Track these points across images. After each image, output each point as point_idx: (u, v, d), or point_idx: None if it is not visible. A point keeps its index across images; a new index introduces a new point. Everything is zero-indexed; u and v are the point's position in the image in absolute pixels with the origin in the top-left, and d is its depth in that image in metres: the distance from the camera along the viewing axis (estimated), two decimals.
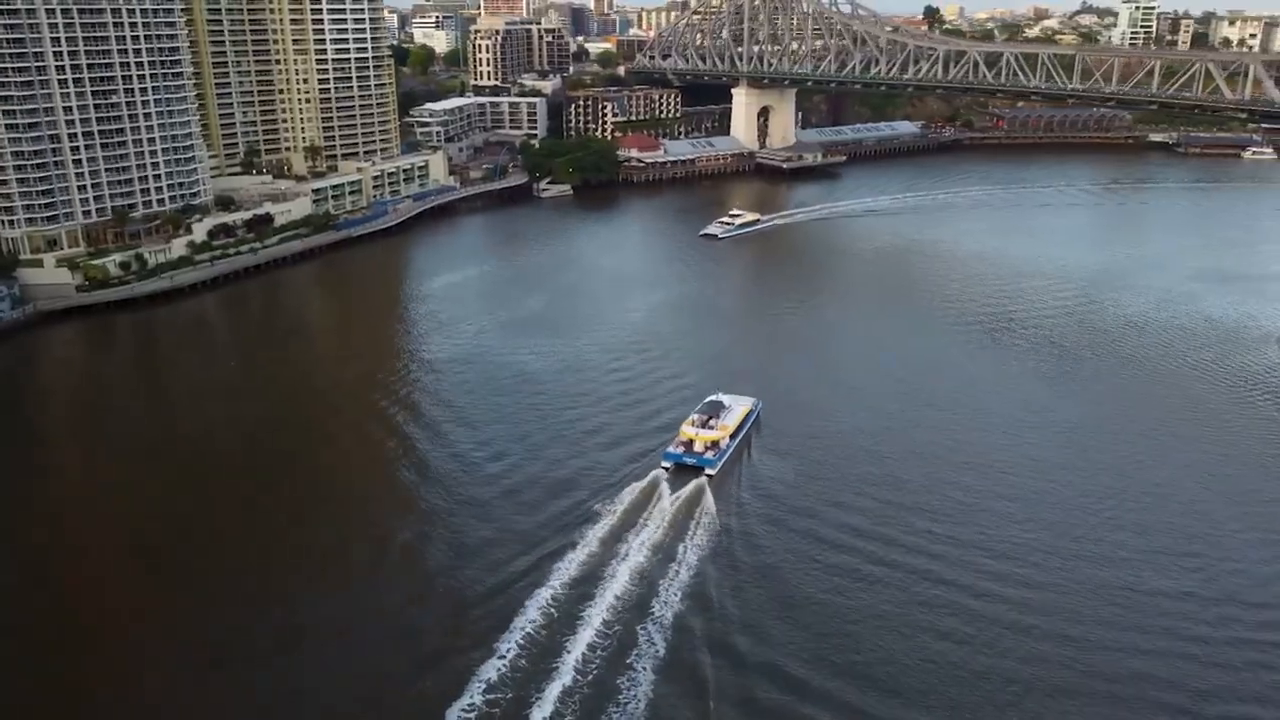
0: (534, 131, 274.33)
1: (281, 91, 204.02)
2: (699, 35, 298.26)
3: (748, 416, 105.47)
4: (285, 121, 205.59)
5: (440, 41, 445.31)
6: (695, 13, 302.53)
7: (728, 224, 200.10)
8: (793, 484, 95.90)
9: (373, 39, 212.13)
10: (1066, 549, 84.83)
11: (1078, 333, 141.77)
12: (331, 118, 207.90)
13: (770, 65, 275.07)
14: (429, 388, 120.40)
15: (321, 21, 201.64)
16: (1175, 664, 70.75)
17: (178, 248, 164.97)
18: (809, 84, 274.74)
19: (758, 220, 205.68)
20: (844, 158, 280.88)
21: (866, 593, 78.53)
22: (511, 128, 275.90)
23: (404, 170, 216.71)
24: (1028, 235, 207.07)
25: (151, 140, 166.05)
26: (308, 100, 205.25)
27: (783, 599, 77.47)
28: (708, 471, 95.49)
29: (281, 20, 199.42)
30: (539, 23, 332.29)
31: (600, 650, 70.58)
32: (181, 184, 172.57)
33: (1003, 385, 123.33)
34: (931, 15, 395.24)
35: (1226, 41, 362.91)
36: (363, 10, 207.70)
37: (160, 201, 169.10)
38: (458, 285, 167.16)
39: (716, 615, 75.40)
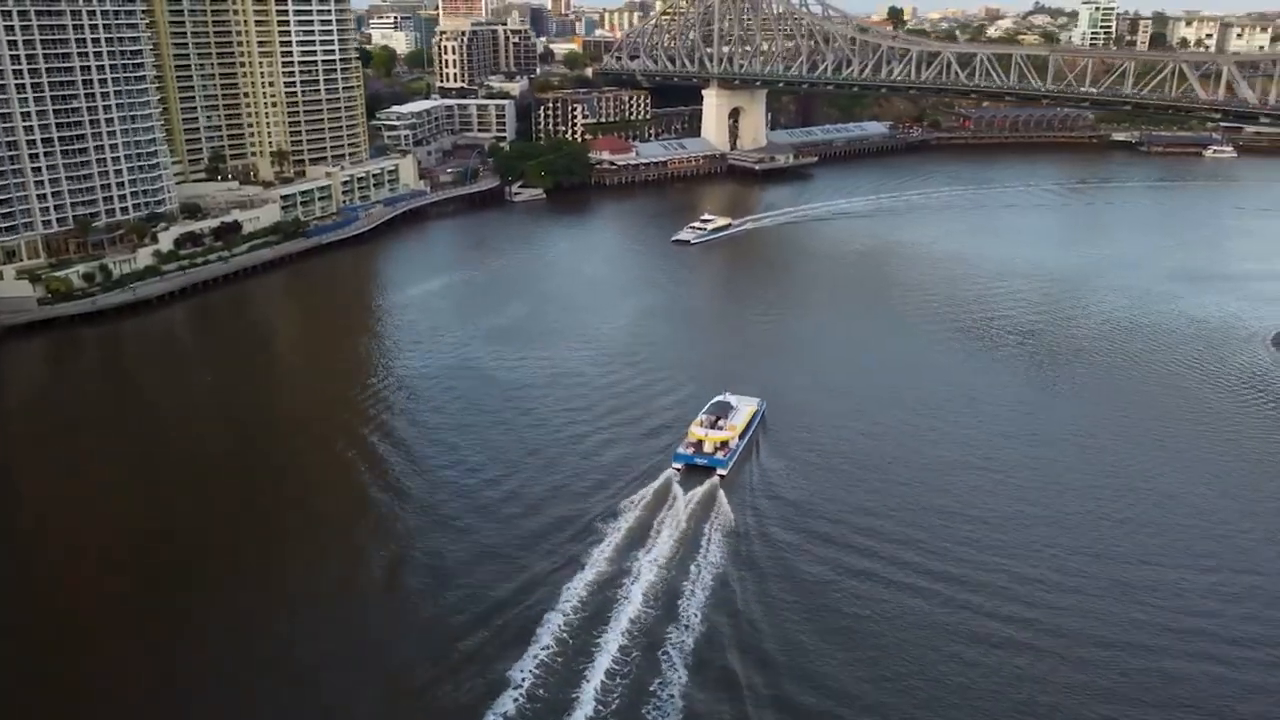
0: (503, 134, 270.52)
1: (247, 95, 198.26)
2: (667, 36, 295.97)
3: (754, 417, 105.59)
4: (251, 126, 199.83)
5: (400, 42, 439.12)
6: (664, 14, 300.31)
7: (700, 229, 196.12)
8: (804, 484, 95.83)
9: (340, 40, 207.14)
10: (1085, 549, 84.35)
11: (1065, 334, 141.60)
12: (299, 121, 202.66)
13: (741, 66, 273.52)
14: (420, 401, 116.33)
15: (287, 22, 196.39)
16: (1210, 666, 70.04)
17: (143, 258, 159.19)
18: (781, 85, 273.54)
19: (729, 225, 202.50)
20: (815, 158, 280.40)
21: (892, 595, 77.80)
22: (480, 130, 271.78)
23: (374, 175, 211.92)
24: (1001, 236, 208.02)
25: (114, 146, 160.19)
26: (274, 104, 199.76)
27: (808, 600, 77.24)
28: (719, 472, 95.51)
29: (246, 21, 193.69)
30: (505, 24, 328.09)
31: (632, 651, 70.34)
32: (145, 191, 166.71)
33: (996, 387, 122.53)
34: (895, 16, 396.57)
35: (1184, 42, 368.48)
36: (329, 11, 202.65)
37: (124, 210, 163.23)
38: (436, 294, 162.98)
39: (744, 619, 74.73)
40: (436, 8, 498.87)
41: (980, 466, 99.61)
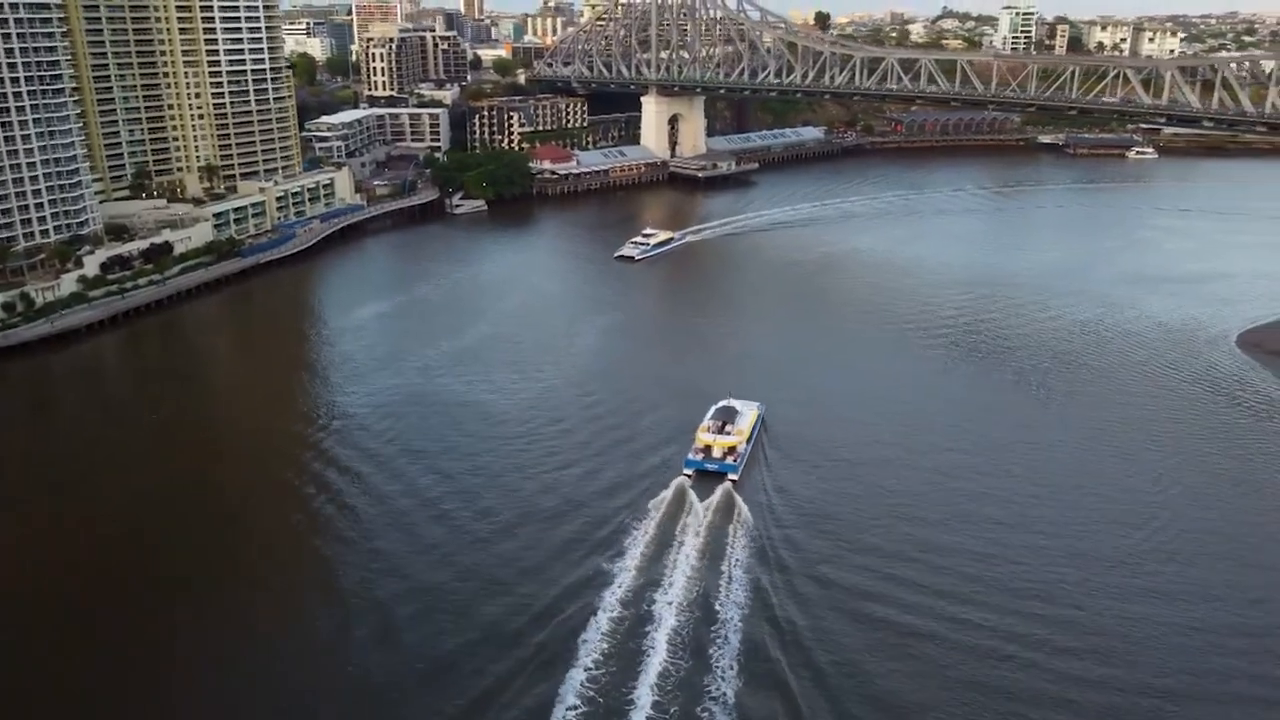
0: (437, 144, 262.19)
1: (172, 107, 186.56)
2: (601, 42, 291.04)
3: (757, 421, 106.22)
4: (177, 140, 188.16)
5: (315, 49, 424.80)
6: (598, 19, 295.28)
7: (643, 244, 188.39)
8: (816, 486, 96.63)
9: (270, 49, 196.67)
10: (1105, 579, 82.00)
11: (1036, 342, 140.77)
12: (228, 135, 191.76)
13: (681, 72, 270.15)
14: (393, 433, 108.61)
15: (214, 31, 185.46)
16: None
17: (68, 284, 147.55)
18: (722, 92, 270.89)
19: (671, 239, 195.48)
20: (756, 165, 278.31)
21: (925, 600, 78.13)
22: (413, 140, 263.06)
23: (309, 189, 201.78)
24: (950, 242, 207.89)
25: (31, 165, 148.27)
26: (201, 116, 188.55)
27: (847, 604, 77.41)
28: (730, 477, 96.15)
29: (169, 30, 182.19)
30: (433, 29, 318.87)
31: (678, 659, 70.46)
32: (67, 212, 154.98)
33: (974, 398, 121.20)
34: (822, 20, 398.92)
35: (1100, 46, 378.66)
36: (258, 17, 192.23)
37: (44, 232, 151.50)
38: (388, 315, 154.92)
39: (784, 624, 74.73)
40: (349, 13, 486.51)
41: (986, 470, 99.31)
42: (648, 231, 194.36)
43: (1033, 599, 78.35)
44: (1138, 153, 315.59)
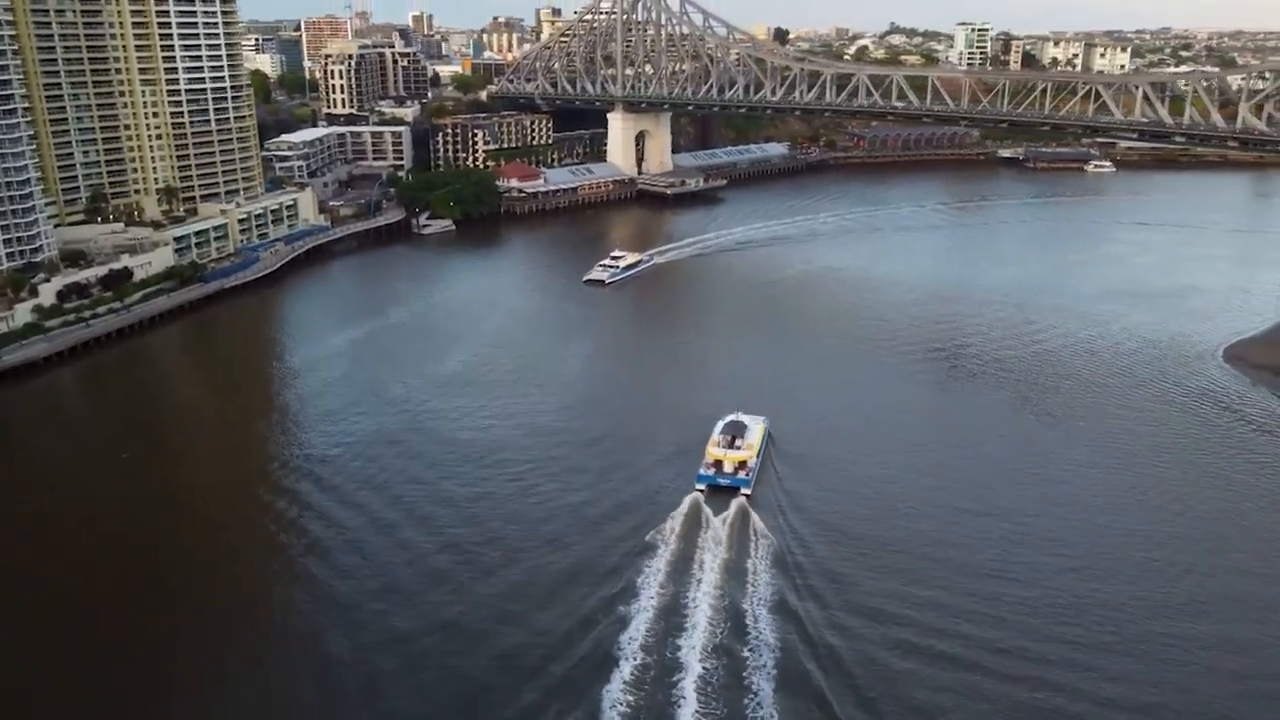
0: (400, 162, 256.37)
1: (128, 127, 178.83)
2: (565, 58, 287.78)
3: (765, 435, 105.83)
4: (134, 161, 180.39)
5: (264, 65, 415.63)
6: (562, 35, 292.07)
7: (612, 267, 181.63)
8: (830, 500, 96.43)
9: (230, 65, 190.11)
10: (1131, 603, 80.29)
11: (1028, 359, 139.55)
12: (188, 155, 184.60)
13: (649, 89, 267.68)
14: (383, 468, 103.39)
15: (172, 47, 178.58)
16: None
17: (22, 314, 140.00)
18: (690, 108, 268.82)
19: (640, 261, 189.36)
20: (725, 181, 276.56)
21: (957, 608, 78.81)
22: (375, 159, 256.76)
23: (271, 211, 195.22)
24: (924, 257, 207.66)
25: None
26: (159, 136, 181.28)
27: (877, 618, 77.21)
28: (743, 491, 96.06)
29: (125, 47, 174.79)
30: (393, 46, 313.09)
31: (714, 678, 70.33)
32: (20, 238, 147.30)
33: (974, 416, 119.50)
34: (781, 36, 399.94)
35: (1055, 61, 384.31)
36: (218, 33, 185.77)
37: None
38: (362, 342, 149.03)
39: (818, 641, 74.30)
40: (297, 29, 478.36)
41: (999, 490, 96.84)
42: (616, 254, 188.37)
43: (1068, 625, 76.90)
44: (1096, 166, 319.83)
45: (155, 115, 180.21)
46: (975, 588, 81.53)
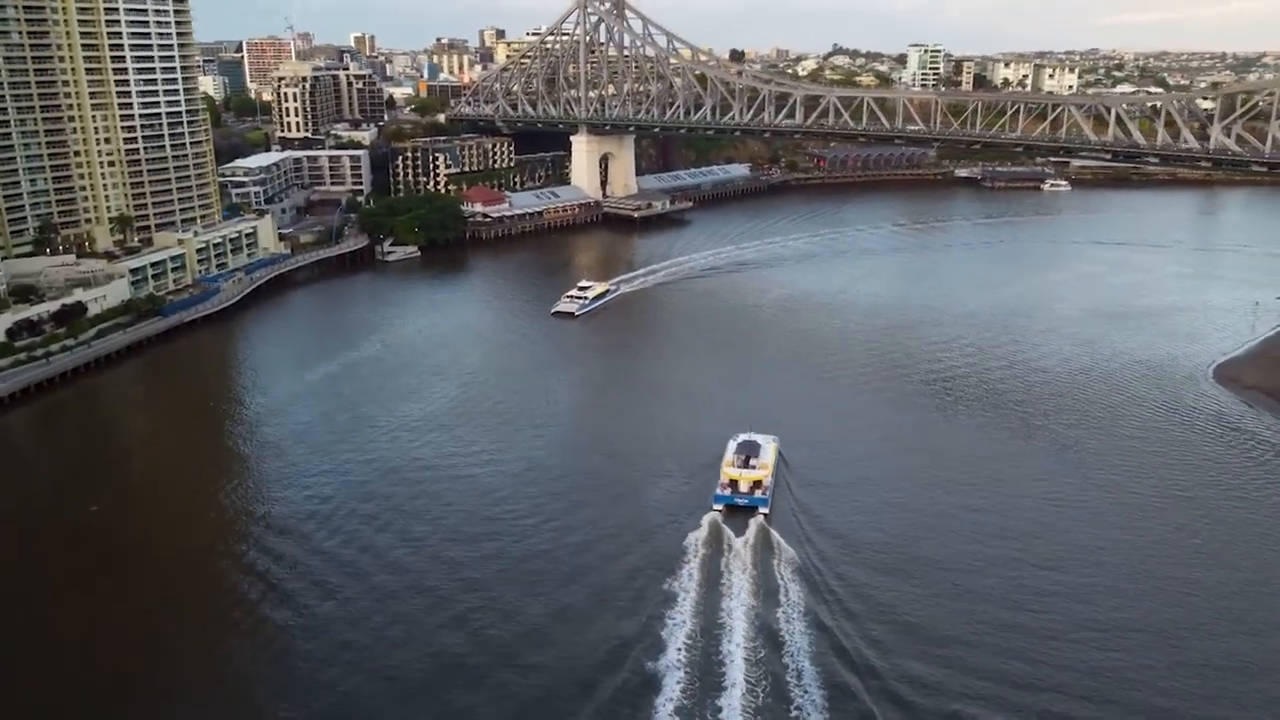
0: (359, 187, 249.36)
1: (78, 153, 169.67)
2: (525, 79, 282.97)
3: (777, 454, 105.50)
4: (85, 189, 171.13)
5: (207, 87, 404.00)
6: (523, 57, 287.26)
7: (580, 299, 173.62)
8: (849, 521, 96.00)
9: (185, 87, 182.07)
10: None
11: (1024, 383, 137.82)
12: (142, 182, 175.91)
13: (612, 111, 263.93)
14: (387, 513, 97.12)
15: (125, 70, 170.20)
16: None
17: None
18: (657, 131, 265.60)
19: (608, 291, 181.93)
20: (691, 204, 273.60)
21: (993, 609, 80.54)
22: (334, 183, 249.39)
23: (230, 239, 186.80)
24: (900, 279, 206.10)
25: None
26: (112, 163, 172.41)
27: (914, 635, 77.35)
28: (761, 511, 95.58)
29: (75, 70, 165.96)
30: (348, 68, 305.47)
31: (761, 697, 69.84)
32: None
33: (981, 443, 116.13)
34: (737, 57, 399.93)
35: (1006, 82, 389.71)
36: (172, 54, 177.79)
37: None
38: (338, 378, 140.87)
39: (857, 660, 74.15)
40: (238, 50, 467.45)
41: (1020, 513, 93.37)
42: (584, 284, 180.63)
43: (1106, 650, 76.34)
44: (1052, 185, 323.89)
45: (107, 140, 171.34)
46: (1006, 603, 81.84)
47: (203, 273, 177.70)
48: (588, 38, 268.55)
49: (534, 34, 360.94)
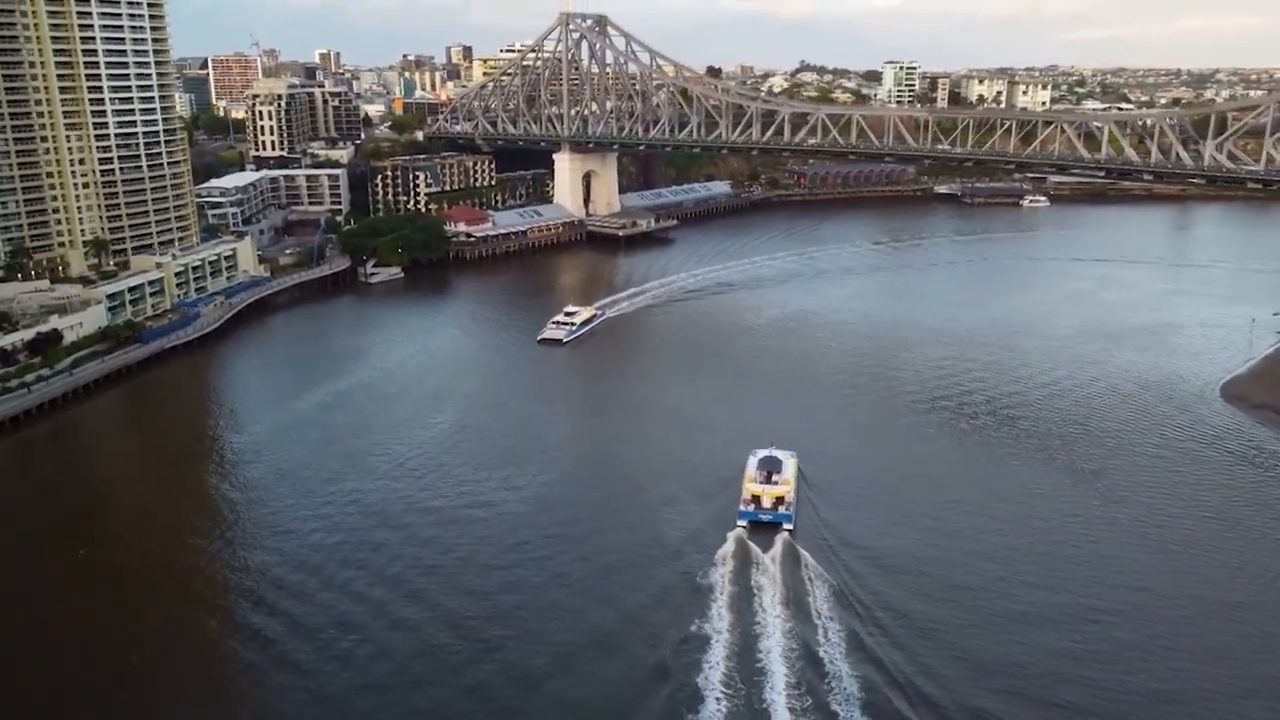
0: (337, 206, 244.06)
1: (51, 175, 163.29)
2: (505, 97, 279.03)
3: (797, 470, 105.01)
4: (59, 212, 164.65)
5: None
6: (503, 74, 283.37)
7: (568, 324, 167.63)
8: (875, 537, 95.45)
9: (162, 106, 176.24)
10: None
11: (1034, 404, 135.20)
12: (118, 204, 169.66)
13: (596, 128, 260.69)
14: (396, 555, 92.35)
15: (100, 89, 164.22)
16: None
17: None
18: (642, 148, 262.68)
19: (594, 317, 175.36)
20: (675, 222, 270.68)
21: (1041, 634, 79.91)
22: (311, 203, 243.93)
23: (209, 262, 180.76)
24: (892, 298, 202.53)
25: None
26: (86, 185, 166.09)
27: (955, 650, 77.22)
28: (786, 527, 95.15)
29: (48, 88, 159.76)
30: (323, 85, 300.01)
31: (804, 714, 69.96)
32: None
33: (1001, 470, 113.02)
34: (714, 74, 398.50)
35: (981, 99, 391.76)
36: (149, 71, 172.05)
37: None
38: (331, 406, 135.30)
39: (899, 674, 73.95)
40: (203, 67, 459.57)
41: (1051, 534, 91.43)
42: (570, 310, 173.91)
43: (1140, 673, 75.68)
44: (1031, 201, 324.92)
45: (82, 162, 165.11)
46: (1052, 626, 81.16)
47: (181, 297, 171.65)
48: (570, 54, 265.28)
49: (509, 51, 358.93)
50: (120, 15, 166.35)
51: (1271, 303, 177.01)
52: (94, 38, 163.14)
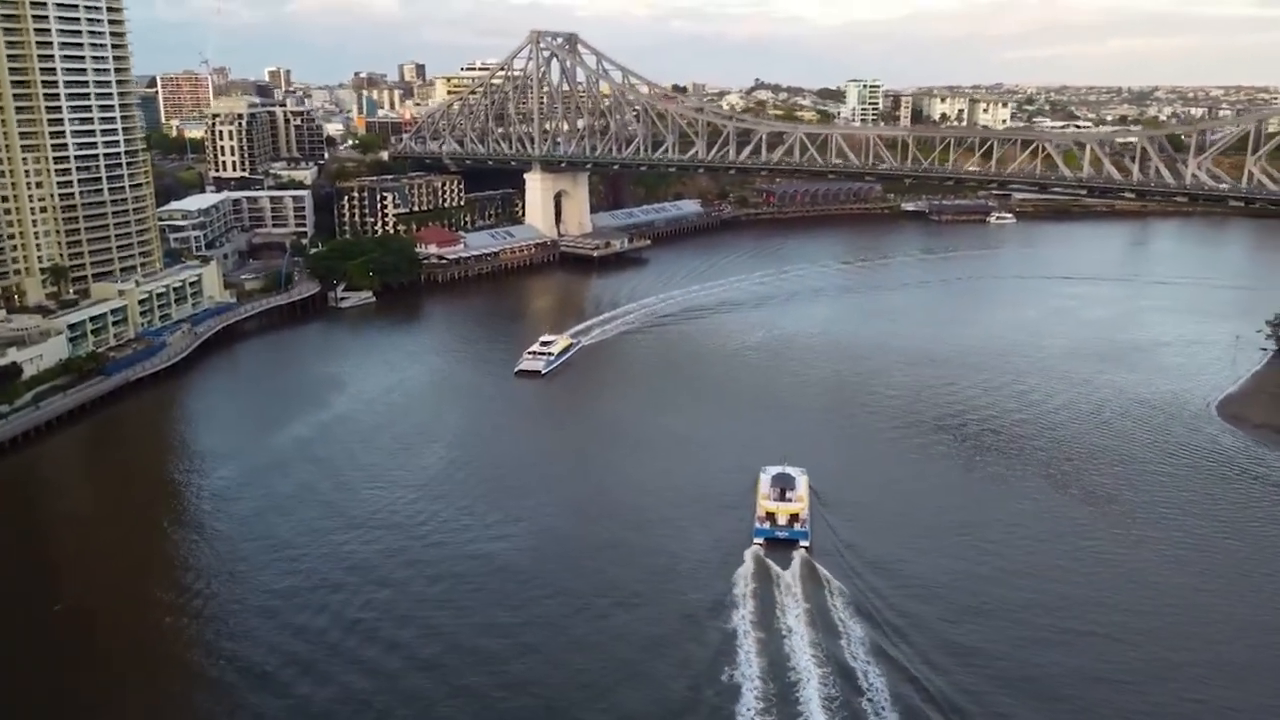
0: (302, 229, 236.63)
1: (6, 200, 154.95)
2: (473, 116, 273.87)
3: (809, 486, 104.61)
4: (15, 238, 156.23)
5: None
6: (471, 92, 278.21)
7: (545, 355, 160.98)
8: (893, 553, 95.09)
9: (124, 127, 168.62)
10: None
11: (1037, 426, 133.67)
12: (78, 229, 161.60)
13: (567, 147, 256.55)
14: (402, 605, 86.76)
15: (59, 109, 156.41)
16: None
17: None
18: (615, 167, 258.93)
19: (571, 346, 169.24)
20: (649, 242, 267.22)
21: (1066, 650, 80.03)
22: (275, 225, 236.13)
23: (174, 289, 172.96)
24: (867, 319, 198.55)
25: None
26: (44, 209, 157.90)
27: (986, 666, 77.39)
28: (803, 544, 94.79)
29: (3, 109, 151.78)
30: (285, 104, 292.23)
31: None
32: None
33: (1011, 492, 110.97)
34: (680, 91, 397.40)
35: (944, 116, 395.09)
36: (111, 90, 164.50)
37: None
38: (310, 442, 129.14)
39: (933, 690, 73.61)
40: (151, 84, 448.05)
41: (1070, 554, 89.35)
42: (546, 339, 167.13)
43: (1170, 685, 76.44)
44: (998, 218, 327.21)
45: (40, 185, 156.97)
46: (1083, 645, 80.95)
47: (146, 326, 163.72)
48: (541, 73, 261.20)
49: (471, 69, 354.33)
50: (80, 32, 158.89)
51: (1244, 318, 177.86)
52: (52, 55, 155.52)
